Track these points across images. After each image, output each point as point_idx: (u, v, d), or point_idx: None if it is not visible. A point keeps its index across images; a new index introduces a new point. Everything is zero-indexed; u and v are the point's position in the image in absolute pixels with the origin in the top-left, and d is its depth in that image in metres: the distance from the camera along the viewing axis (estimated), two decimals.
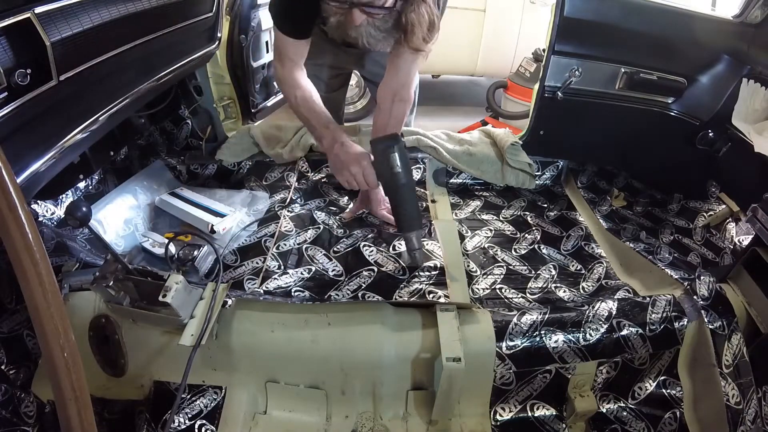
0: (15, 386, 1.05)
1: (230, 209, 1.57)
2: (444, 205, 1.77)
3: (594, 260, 1.54)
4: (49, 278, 0.57)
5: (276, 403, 1.13)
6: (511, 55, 3.85)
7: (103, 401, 1.11)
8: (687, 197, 1.79)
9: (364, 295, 1.25)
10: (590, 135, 1.85)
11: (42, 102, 0.93)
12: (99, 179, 1.56)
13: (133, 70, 1.30)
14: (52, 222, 1.30)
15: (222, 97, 2.10)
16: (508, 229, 1.66)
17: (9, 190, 0.53)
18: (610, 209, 1.80)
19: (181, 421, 1.04)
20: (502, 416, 1.15)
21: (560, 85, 1.71)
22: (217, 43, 1.77)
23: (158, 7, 1.26)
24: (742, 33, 1.57)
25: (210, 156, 1.85)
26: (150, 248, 1.41)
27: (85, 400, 0.61)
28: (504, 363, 1.11)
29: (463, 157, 1.82)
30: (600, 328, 1.14)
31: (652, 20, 1.61)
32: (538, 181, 1.92)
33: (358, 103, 3.71)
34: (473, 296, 1.34)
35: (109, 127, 1.25)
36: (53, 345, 0.57)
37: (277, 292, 1.27)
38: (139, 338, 1.11)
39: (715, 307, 1.18)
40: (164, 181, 1.73)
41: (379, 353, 1.09)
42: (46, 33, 0.88)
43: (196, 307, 1.05)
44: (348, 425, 1.12)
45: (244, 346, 1.10)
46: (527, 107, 2.24)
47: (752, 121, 1.48)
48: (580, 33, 1.63)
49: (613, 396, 1.20)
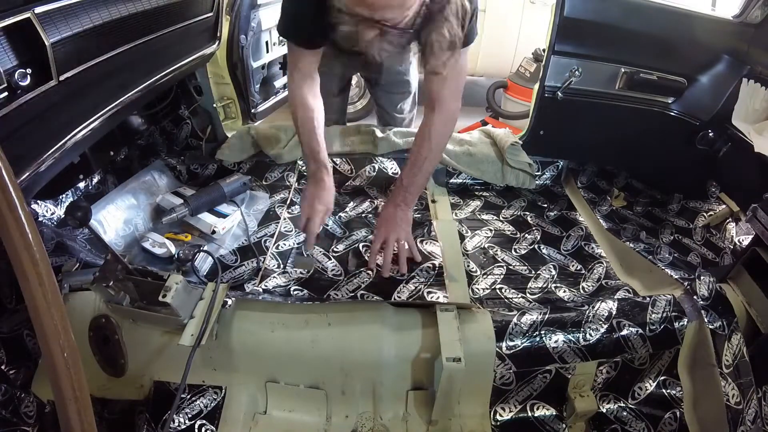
0: (15, 386, 1.05)
1: (231, 209, 1.57)
2: (444, 205, 1.77)
3: (594, 260, 1.54)
4: (49, 278, 0.57)
5: (276, 403, 1.13)
6: (511, 55, 3.85)
7: (103, 401, 1.11)
8: (687, 197, 1.79)
9: (363, 295, 1.25)
10: (590, 135, 1.85)
11: (42, 102, 0.93)
12: (99, 179, 1.56)
13: (133, 70, 1.30)
14: (52, 222, 1.30)
15: (222, 97, 2.10)
16: (508, 229, 1.66)
17: (9, 190, 0.53)
18: (610, 209, 1.80)
19: (181, 421, 1.04)
20: (502, 416, 1.15)
21: (560, 85, 1.71)
22: (217, 43, 1.77)
23: (158, 7, 1.26)
24: (742, 33, 1.57)
25: (210, 156, 1.85)
26: (150, 248, 1.41)
27: (85, 400, 0.61)
28: (504, 363, 1.11)
29: (463, 158, 1.82)
30: (600, 328, 1.14)
31: (652, 20, 1.61)
32: (538, 181, 1.92)
33: (358, 103, 3.71)
34: (473, 296, 1.34)
35: (109, 127, 1.25)
36: (53, 345, 0.57)
37: (276, 290, 1.27)
38: (139, 338, 1.11)
39: (715, 307, 1.18)
40: (164, 181, 1.73)
41: (379, 353, 1.09)
42: (46, 33, 0.88)
43: (196, 307, 1.05)
44: (348, 425, 1.12)
45: (244, 346, 1.10)
46: (527, 107, 2.24)
47: (752, 121, 1.48)
48: (580, 33, 1.63)
49: (613, 396, 1.20)
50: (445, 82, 1.24)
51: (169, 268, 1.34)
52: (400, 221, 1.33)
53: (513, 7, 3.74)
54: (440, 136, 1.32)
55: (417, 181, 1.34)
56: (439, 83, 1.25)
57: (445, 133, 1.34)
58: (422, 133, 1.33)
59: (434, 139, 1.31)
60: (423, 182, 1.37)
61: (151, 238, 1.43)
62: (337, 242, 1.48)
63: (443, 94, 1.27)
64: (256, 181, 1.80)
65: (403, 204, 1.35)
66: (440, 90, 1.26)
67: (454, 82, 1.26)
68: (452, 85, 1.26)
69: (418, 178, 1.34)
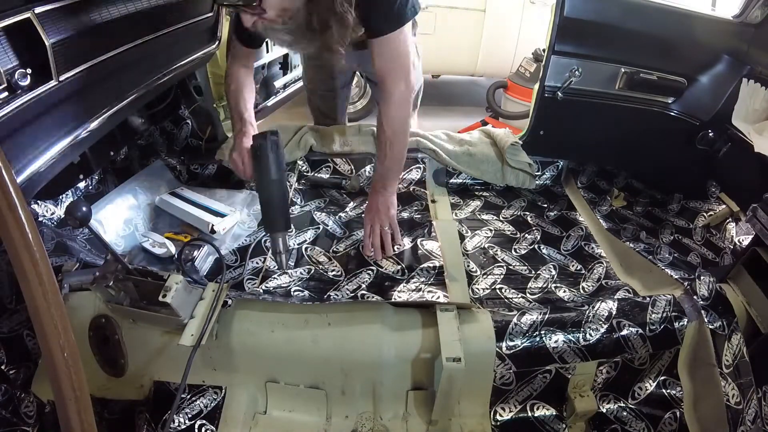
0: (15, 386, 1.05)
1: (230, 209, 1.57)
2: (444, 205, 1.77)
3: (594, 260, 1.54)
4: (49, 278, 0.57)
5: (276, 403, 1.13)
6: (511, 55, 3.86)
7: (103, 401, 1.11)
8: (687, 197, 1.79)
9: (363, 295, 1.25)
10: (590, 135, 1.85)
11: (42, 102, 0.93)
12: (99, 179, 1.56)
13: (132, 70, 1.30)
14: (52, 222, 1.30)
15: (222, 97, 2.10)
16: (508, 229, 1.66)
17: (9, 190, 0.53)
18: (610, 209, 1.81)
19: (181, 421, 1.04)
20: (502, 416, 1.15)
21: (560, 85, 1.71)
22: (217, 43, 1.77)
23: (158, 7, 1.26)
24: (742, 33, 1.57)
25: (210, 156, 1.85)
26: (150, 248, 1.41)
27: (85, 400, 0.61)
28: (504, 363, 1.11)
29: (463, 158, 1.82)
30: (600, 328, 1.14)
31: (652, 20, 1.61)
32: (538, 181, 1.92)
33: (358, 103, 3.71)
34: (473, 296, 1.34)
35: (109, 127, 1.25)
36: (53, 345, 0.57)
37: (277, 291, 1.27)
38: (139, 338, 1.11)
39: (715, 307, 1.18)
40: (164, 181, 1.73)
41: (379, 353, 1.09)
42: (46, 33, 0.88)
43: (196, 307, 1.05)
44: (348, 425, 1.12)
45: (244, 346, 1.10)
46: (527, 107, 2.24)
47: (752, 121, 1.48)
48: (580, 33, 1.63)
49: (613, 396, 1.20)
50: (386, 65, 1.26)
51: (170, 268, 1.34)
52: (382, 206, 1.41)
53: (513, 7, 3.74)
54: (395, 120, 1.33)
55: (387, 167, 1.40)
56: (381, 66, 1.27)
57: (400, 117, 1.34)
58: (378, 121, 1.37)
59: (390, 124, 1.33)
60: (396, 167, 1.42)
61: (151, 238, 1.44)
62: (337, 242, 1.48)
63: (387, 78, 1.29)
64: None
65: (383, 190, 1.42)
66: (383, 74, 1.28)
67: (394, 63, 1.27)
68: (394, 66, 1.27)
69: (387, 164, 1.39)
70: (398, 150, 1.38)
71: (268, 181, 1.20)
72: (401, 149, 1.39)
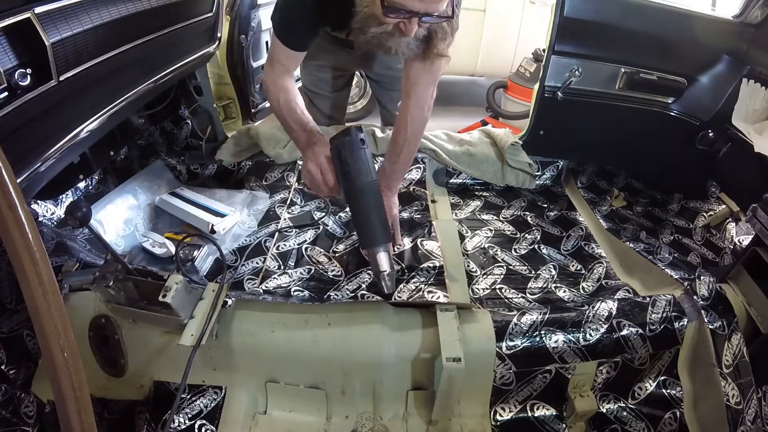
0: (15, 386, 1.05)
1: (230, 209, 1.57)
2: (444, 205, 1.77)
3: (594, 260, 1.54)
4: (49, 278, 0.57)
5: (276, 403, 1.13)
6: (511, 55, 3.85)
7: (103, 401, 1.11)
8: (687, 197, 1.79)
9: (363, 295, 1.25)
10: (590, 135, 1.85)
11: (42, 102, 0.93)
12: (99, 179, 1.56)
13: (133, 70, 1.30)
14: (52, 222, 1.30)
15: (222, 97, 2.10)
16: (508, 229, 1.66)
17: (9, 190, 0.53)
18: (610, 209, 1.81)
19: (181, 421, 1.04)
20: (502, 416, 1.15)
21: (560, 85, 1.71)
22: (217, 43, 1.77)
23: (158, 7, 1.26)
24: (742, 33, 1.57)
25: (210, 156, 1.85)
26: (150, 248, 1.41)
27: (85, 400, 0.61)
28: (504, 363, 1.11)
29: (463, 158, 1.82)
30: (600, 328, 1.14)
31: (652, 20, 1.61)
32: (538, 181, 1.92)
33: (358, 103, 3.71)
34: (473, 296, 1.34)
35: (109, 127, 1.25)
36: (53, 345, 0.57)
37: (277, 291, 1.27)
38: (139, 338, 1.11)
39: (715, 307, 1.18)
40: (164, 181, 1.73)
41: (379, 353, 1.09)
42: (46, 33, 0.88)
43: (196, 307, 1.05)
44: (348, 425, 1.12)
45: (244, 346, 1.10)
46: (527, 107, 2.24)
47: (752, 121, 1.48)
48: (580, 33, 1.63)
49: (613, 396, 1.20)
50: (428, 68, 1.25)
51: (170, 268, 1.34)
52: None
53: (513, 7, 3.74)
54: (417, 123, 1.33)
55: (397, 168, 1.41)
56: (421, 70, 1.26)
57: (422, 120, 1.34)
58: (399, 121, 1.36)
59: (410, 125, 1.33)
60: (403, 168, 1.44)
61: (151, 238, 1.44)
62: (337, 242, 1.48)
63: (422, 81, 1.28)
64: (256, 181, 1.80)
65: (386, 191, 1.40)
66: (419, 77, 1.27)
67: (436, 67, 1.27)
68: (435, 70, 1.27)
69: (398, 165, 1.40)
70: (412, 151, 1.39)
71: (362, 184, 1.02)
72: (414, 150, 1.40)
